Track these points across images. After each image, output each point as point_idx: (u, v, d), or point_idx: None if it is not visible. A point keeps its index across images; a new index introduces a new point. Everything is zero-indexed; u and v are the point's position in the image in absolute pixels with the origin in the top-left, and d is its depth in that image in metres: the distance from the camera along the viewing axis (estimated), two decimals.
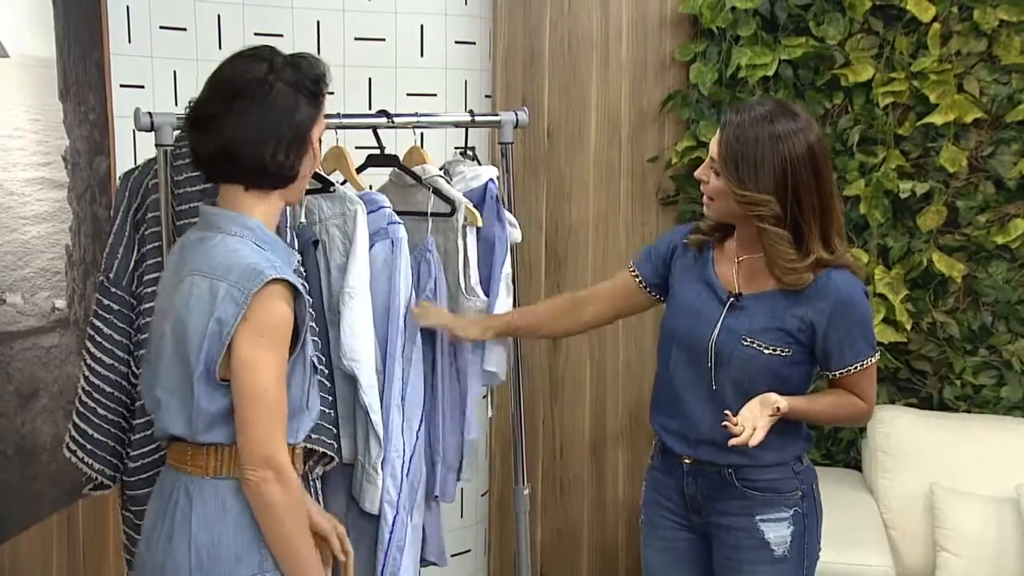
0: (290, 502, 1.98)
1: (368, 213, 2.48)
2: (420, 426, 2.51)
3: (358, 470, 2.48)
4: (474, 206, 2.73)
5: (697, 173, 2.44)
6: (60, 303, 2.72)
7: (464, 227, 2.62)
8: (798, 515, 2.44)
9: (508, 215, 2.78)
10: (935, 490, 3.41)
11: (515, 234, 2.79)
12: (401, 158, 2.75)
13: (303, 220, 2.48)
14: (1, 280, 2.50)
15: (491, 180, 2.75)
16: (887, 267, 3.67)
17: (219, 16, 3.17)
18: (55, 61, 2.72)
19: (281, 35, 3.25)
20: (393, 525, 2.42)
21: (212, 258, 1.99)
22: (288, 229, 2.43)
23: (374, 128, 2.67)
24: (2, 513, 2.54)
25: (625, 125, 3.92)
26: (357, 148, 2.78)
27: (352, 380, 2.45)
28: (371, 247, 2.47)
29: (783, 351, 2.37)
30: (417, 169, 2.67)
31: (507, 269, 2.76)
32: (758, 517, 2.42)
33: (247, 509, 1.99)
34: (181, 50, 3.07)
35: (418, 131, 2.86)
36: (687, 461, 2.48)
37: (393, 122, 2.68)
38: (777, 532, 2.42)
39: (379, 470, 2.44)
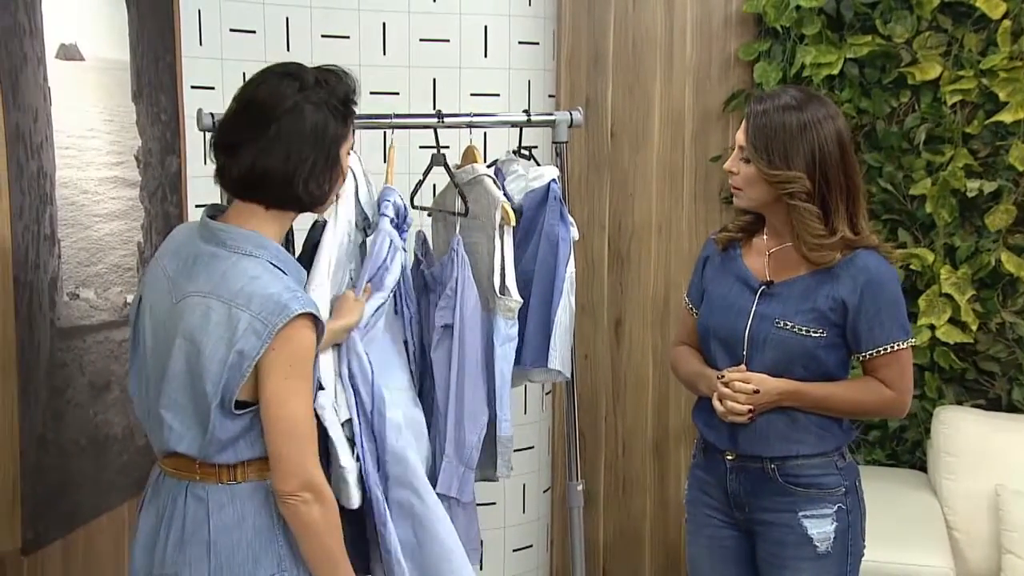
0: (329, 519, 2.02)
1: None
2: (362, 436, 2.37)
3: None
4: (536, 206, 2.76)
5: (726, 165, 2.47)
6: (131, 298, 2.80)
7: (500, 226, 2.63)
8: (842, 511, 2.44)
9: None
10: (1000, 492, 3.37)
11: (572, 232, 2.81)
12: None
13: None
14: (75, 275, 2.58)
15: (553, 180, 2.78)
16: (954, 267, 3.62)
17: (287, 19, 3.24)
18: (129, 64, 2.79)
19: (348, 37, 3.32)
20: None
21: (230, 282, 1.96)
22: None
23: (434, 128, 2.72)
24: (77, 500, 2.62)
25: (689, 125, 3.92)
26: (421, 148, 2.83)
27: None
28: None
29: (816, 332, 2.38)
30: (467, 168, 2.71)
31: (571, 268, 2.78)
32: (801, 513, 2.43)
33: (263, 510, 2.02)
34: (250, 52, 3.13)
35: (480, 131, 2.88)
36: (730, 457, 2.49)
37: (444, 122, 2.72)
38: (820, 528, 2.42)
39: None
